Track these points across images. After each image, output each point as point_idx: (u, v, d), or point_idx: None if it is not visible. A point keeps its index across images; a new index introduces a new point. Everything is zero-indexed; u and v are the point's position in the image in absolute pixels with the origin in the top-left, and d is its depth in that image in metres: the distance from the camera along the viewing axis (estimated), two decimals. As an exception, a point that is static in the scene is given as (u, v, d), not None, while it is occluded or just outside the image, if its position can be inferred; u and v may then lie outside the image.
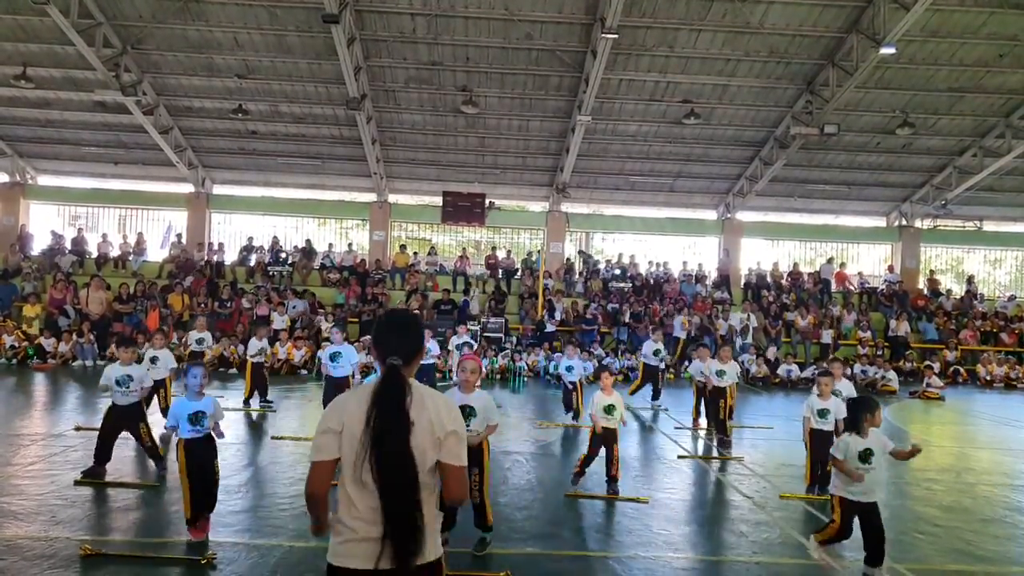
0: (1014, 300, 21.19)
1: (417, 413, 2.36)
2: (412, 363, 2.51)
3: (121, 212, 22.32)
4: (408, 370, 2.46)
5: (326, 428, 2.37)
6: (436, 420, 2.39)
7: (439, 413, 2.41)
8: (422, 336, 2.63)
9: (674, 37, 15.38)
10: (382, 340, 2.51)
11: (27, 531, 5.12)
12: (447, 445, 2.40)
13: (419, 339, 2.59)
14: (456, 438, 2.42)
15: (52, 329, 15.48)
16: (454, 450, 2.41)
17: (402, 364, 2.42)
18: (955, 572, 5.25)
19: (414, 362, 2.52)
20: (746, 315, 18.04)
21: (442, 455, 2.39)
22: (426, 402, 2.41)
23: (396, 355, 2.43)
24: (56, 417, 9.69)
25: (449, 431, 2.40)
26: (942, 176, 20.23)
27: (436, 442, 2.38)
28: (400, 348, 2.46)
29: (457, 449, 2.42)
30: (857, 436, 4.96)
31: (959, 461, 9.43)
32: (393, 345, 2.47)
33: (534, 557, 5.12)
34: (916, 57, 15.85)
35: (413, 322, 2.64)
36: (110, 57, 15.63)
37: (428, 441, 2.37)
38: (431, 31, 15.39)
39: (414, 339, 2.56)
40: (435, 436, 2.38)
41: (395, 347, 2.46)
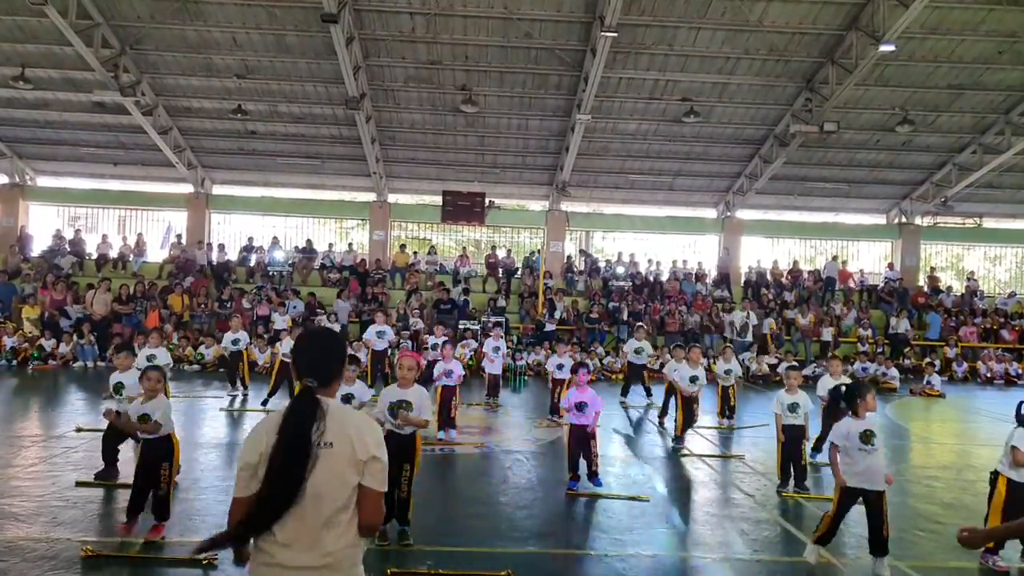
0: (1014, 297, 21.18)
1: (335, 436, 2.29)
2: (331, 384, 2.43)
3: (121, 213, 22.30)
4: (327, 391, 2.38)
5: (244, 463, 2.30)
6: (359, 443, 2.30)
7: (362, 436, 2.32)
8: (343, 356, 2.54)
9: (673, 35, 15.36)
10: (299, 359, 2.42)
11: (28, 532, 5.12)
12: (369, 469, 2.31)
13: (339, 358, 2.51)
14: (378, 464, 2.32)
15: (52, 330, 15.47)
16: (376, 475, 2.32)
17: (318, 385, 2.34)
18: (956, 569, 5.26)
19: (334, 382, 2.44)
20: (746, 313, 18.04)
21: (364, 479, 2.31)
22: (346, 424, 2.33)
23: (312, 375, 2.35)
24: (57, 418, 9.68)
25: (372, 455, 2.32)
26: (942, 173, 20.21)
27: (358, 464, 2.30)
28: (317, 368, 2.38)
29: (379, 475, 2.33)
30: (855, 420, 5.02)
31: (960, 458, 9.44)
32: (310, 364, 2.38)
33: (535, 556, 5.12)
34: (915, 54, 15.83)
35: (333, 341, 2.56)
36: (108, 58, 15.61)
37: (349, 463, 2.29)
38: (430, 30, 15.37)
39: (334, 359, 2.47)
40: (357, 459, 2.30)
41: (312, 367, 2.37)
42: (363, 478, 2.31)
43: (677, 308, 18.53)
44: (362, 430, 2.35)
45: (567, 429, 6.82)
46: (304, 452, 2.24)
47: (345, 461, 2.28)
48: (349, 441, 2.30)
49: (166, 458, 5.24)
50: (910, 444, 10.60)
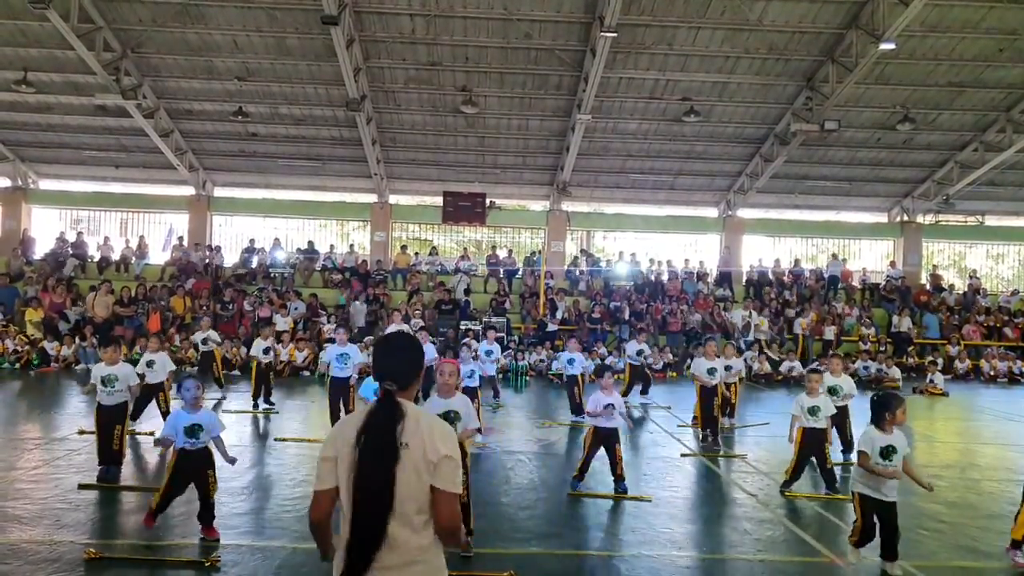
0: (1017, 295, 21.13)
1: (410, 437, 2.33)
2: (409, 387, 2.48)
3: (123, 215, 22.35)
4: (405, 394, 2.44)
5: (324, 456, 2.37)
6: (429, 444, 2.33)
7: (433, 437, 2.35)
8: (421, 360, 2.60)
9: (673, 35, 15.36)
10: (379, 363, 2.49)
11: (31, 535, 5.13)
12: (441, 470, 2.32)
13: (418, 363, 2.56)
14: (451, 463, 2.34)
15: (53, 333, 15.50)
16: (449, 476, 2.32)
17: (397, 389, 2.40)
18: (960, 568, 5.24)
19: (411, 386, 2.50)
20: (748, 312, 18.03)
21: (436, 480, 2.31)
22: (421, 425, 2.37)
23: (392, 380, 2.41)
24: (59, 421, 9.70)
25: (443, 455, 2.33)
26: (943, 171, 20.18)
27: (429, 465, 2.31)
28: (396, 372, 2.44)
29: (452, 475, 2.33)
30: (880, 431, 4.93)
31: (964, 457, 9.41)
32: (390, 369, 2.44)
33: (537, 556, 5.11)
34: (916, 52, 15.81)
35: (411, 346, 2.60)
36: (110, 61, 15.65)
37: (423, 464, 2.31)
38: (430, 32, 15.38)
39: (412, 363, 2.53)
40: (428, 460, 2.31)
41: (391, 371, 2.43)
42: (434, 479, 2.31)
43: (679, 308, 18.52)
44: (434, 430, 2.38)
45: (589, 431, 6.74)
46: (392, 453, 2.29)
47: (419, 462, 2.31)
48: (422, 441, 2.33)
49: (210, 465, 5.26)
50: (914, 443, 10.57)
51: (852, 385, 8.09)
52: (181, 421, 5.17)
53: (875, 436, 4.90)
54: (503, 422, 10.30)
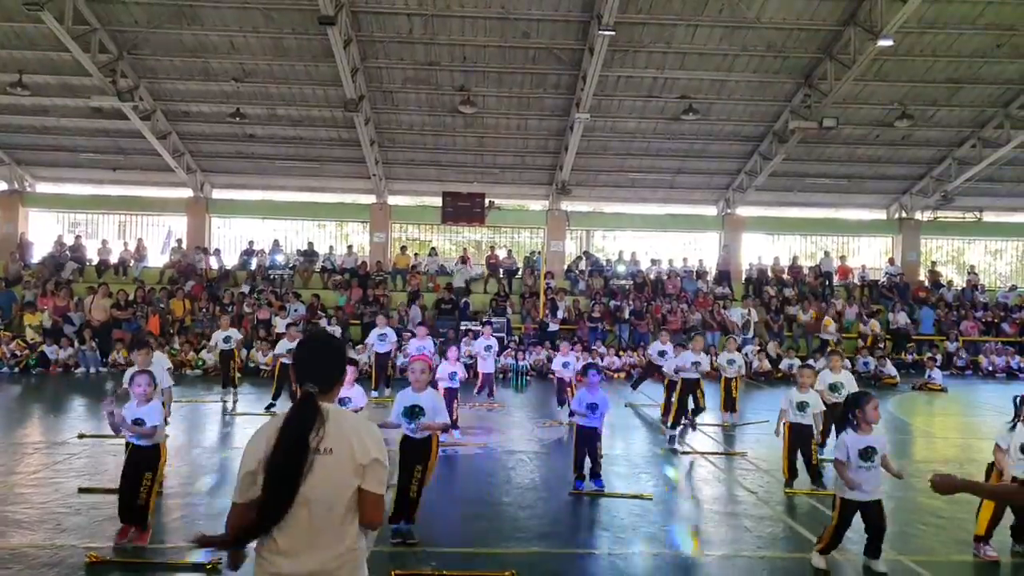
0: (1015, 291, 21.15)
1: (335, 441, 2.30)
2: (332, 390, 2.44)
3: (121, 218, 22.32)
4: (327, 396, 2.40)
5: (246, 470, 2.30)
6: (359, 447, 2.32)
7: (362, 440, 2.34)
8: (343, 361, 2.56)
9: (671, 33, 15.35)
10: (300, 364, 2.44)
11: (32, 539, 5.13)
12: (370, 472, 2.33)
13: (340, 364, 2.52)
14: (379, 466, 2.35)
15: (54, 337, 15.48)
16: (377, 478, 2.34)
17: (318, 391, 2.35)
18: (959, 563, 5.26)
19: (334, 388, 2.46)
20: (747, 310, 18.04)
21: (364, 482, 2.32)
22: (346, 429, 2.34)
23: (312, 381, 2.36)
24: (59, 425, 9.70)
25: (372, 458, 2.33)
26: (941, 168, 20.18)
27: (358, 469, 2.31)
28: (318, 374, 2.39)
29: (380, 477, 2.35)
30: (855, 434, 4.85)
31: (962, 452, 9.44)
32: (311, 370, 2.40)
33: (538, 556, 5.12)
34: (914, 49, 15.81)
35: (334, 347, 2.57)
36: (106, 63, 15.61)
37: (349, 468, 2.30)
38: (427, 31, 15.36)
39: (335, 365, 2.49)
40: (357, 463, 2.31)
41: (313, 373, 2.39)
42: (364, 481, 2.32)
43: (678, 306, 18.53)
44: (361, 433, 2.36)
45: (574, 429, 6.79)
46: (301, 457, 2.25)
47: (346, 466, 2.30)
48: (349, 445, 2.31)
49: (150, 467, 5.14)
50: (912, 438, 10.60)
51: (853, 381, 8.09)
52: (129, 415, 5.16)
53: (850, 440, 4.80)
54: (504, 422, 10.30)
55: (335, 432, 2.31)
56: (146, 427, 5.12)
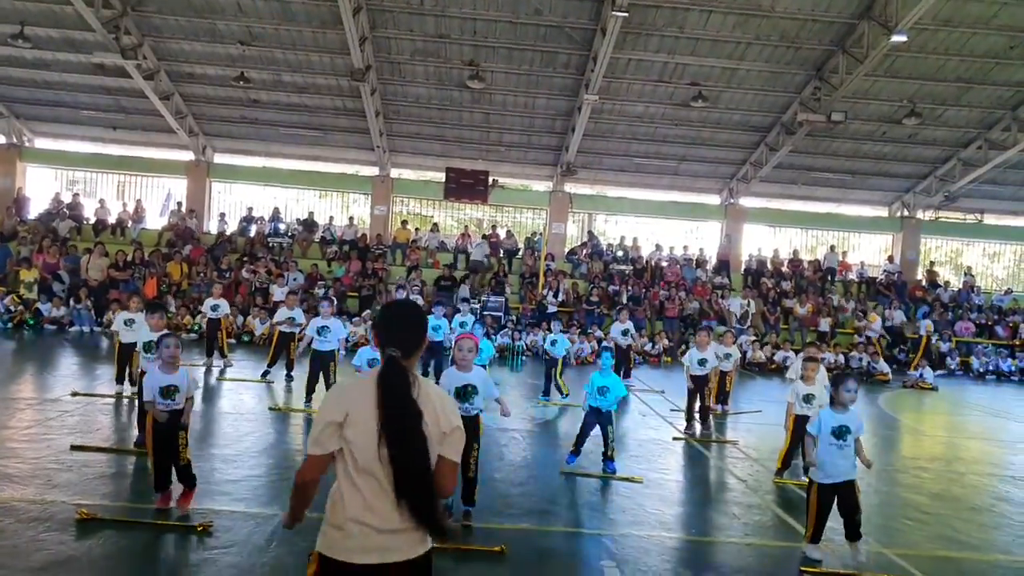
0: (1011, 295, 21.23)
1: (424, 407, 2.35)
2: (412, 355, 2.47)
3: (120, 178, 22.13)
4: (409, 362, 2.44)
5: (328, 420, 2.33)
6: (443, 416, 2.40)
7: (445, 409, 2.42)
8: (424, 328, 2.60)
9: (684, 18, 15.16)
10: (383, 330, 2.50)
11: (23, 494, 5.13)
12: (450, 440, 2.40)
13: (421, 331, 2.56)
14: (459, 433, 2.43)
15: (47, 294, 15.42)
16: (456, 445, 2.42)
17: (401, 356, 2.40)
18: (942, 558, 5.32)
19: (415, 354, 2.49)
20: (746, 301, 18.05)
21: (443, 449, 2.39)
22: (431, 396, 2.41)
23: (395, 347, 2.41)
24: (52, 382, 9.70)
25: (454, 426, 2.41)
26: (946, 168, 20.12)
27: (441, 436, 2.39)
28: (400, 340, 2.43)
29: (459, 445, 2.43)
30: (831, 411, 5.02)
31: (949, 450, 9.52)
32: (394, 336, 2.44)
33: (528, 532, 5.16)
34: (927, 46, 15.66)
35: (415, 314, 2.61)
36: (110, 19, 15.36)
37: (436, 435, 2.37)
38: (439, 3, 15.14)
39: (415, 331, 2.52)
40: (441, 431, 2.38)
41: (395, 338, 2.43)
42: (443, 449, 2.39)
43: (677, 293, 18.54)
44: (444, 401, 2.45)
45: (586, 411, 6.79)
46: (415, 409, 2.32)
47: (433, 432, 2.36)
48: (435, 414, 2.38)
49: (181, 426, 5.09)
50: (900, 435, 10.68)
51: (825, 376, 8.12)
52: (156, 381, 5.00)
53: (826, 416, 5.00)
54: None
55: (425, 399, 2.38)
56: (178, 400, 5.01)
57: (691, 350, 9.41)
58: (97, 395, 8.57)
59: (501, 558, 4.62)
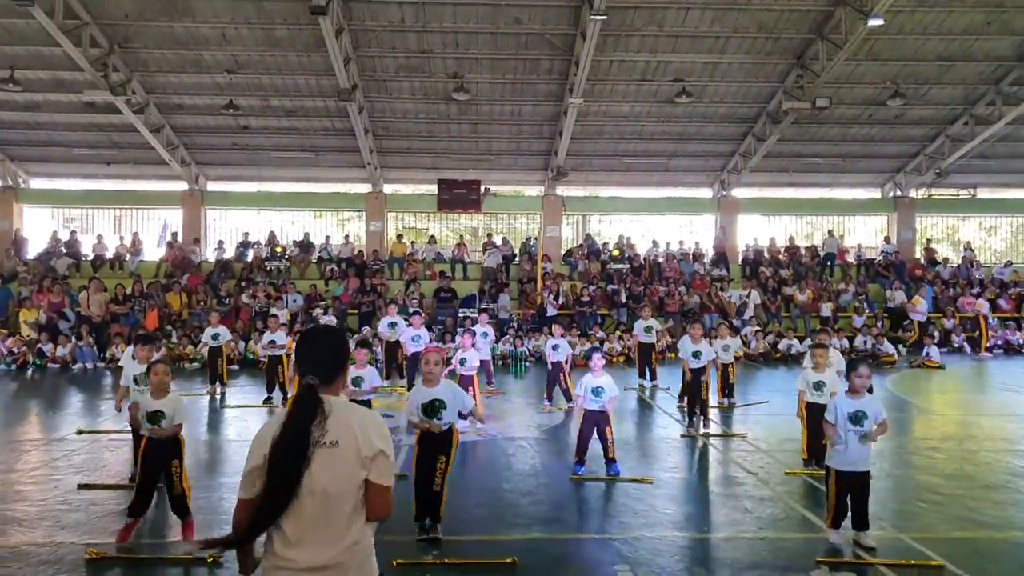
0: (1011, 266, 21.19)
1: (338, 431, 2.30)
2: (334, 382, 2.42)
3: (116, 212, 22.21)
4: (330, 388, 2.39)
5: (251, 466, 2.29)
6: (364, 440, 2.31)
7: (367, 432, 2.33)
8: (345, 354, 2.54)
9: (663, 16, 15.23)
10: (302, 357, 2.44)
11: (32, 537, 5.13)
12: (376, 464, 2.32)
13: (341, 357, 2.50)
14: (384, 458, 2.34)
15: (50, 333, 15.45)
16: (384, 470, 2.34)
17: (319, 383, 2.35)
18: (959, 539, 5.29)
19: (336, 380, 2.44)
20: (746, 292, 18.02)
21: (371, 475, 2.32)
22: (352, 420, 2.34)
23: (314, 373, 2.35)
24: (57, 421, 9.70)
25: (379, 450, 2.33)
26: (935, 145, 20.15)
27: (364, 461, 2.31)
28: (319, 366, 2.39)
29: (387, 470, 2.35)
30: (847, 397, 5.04)
31: (961, 429, 9.48)
32: (312, 362, 2.39)
33: (540, 542, 5.15)
34: (905, 27, 15.70)
35: (335, 340, 2.57)
36: (97, 57, 15.46)
37: (355, 460, 2.30)
38: (419, 19, 15.23)
39: (335, 357, 2.47)
40: (362, 456, 2.30)
41: (314, 364, 2.38)
42: (370, 473, 2.32)
43: (676, 289, 18.54)
44: (367, 425, 2.35)
45: (580, 413, 6.77)
46: (302, 450, 2.25)
47: (352, 458, 2.30)
48: (355, 438, 2.31)
49: (175, 455, 5.06)
50: (911, 416, 10.65)
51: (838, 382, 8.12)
52: (144, 407, 5.05)
53: (841, 402, 5.03)
54: (503, 408, 10.33)
55: (339, 424, 2.31)
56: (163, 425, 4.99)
57: (685, 342, 9.39)
58: (102, 432, 8.58)
59: (513, 570, 4.61)
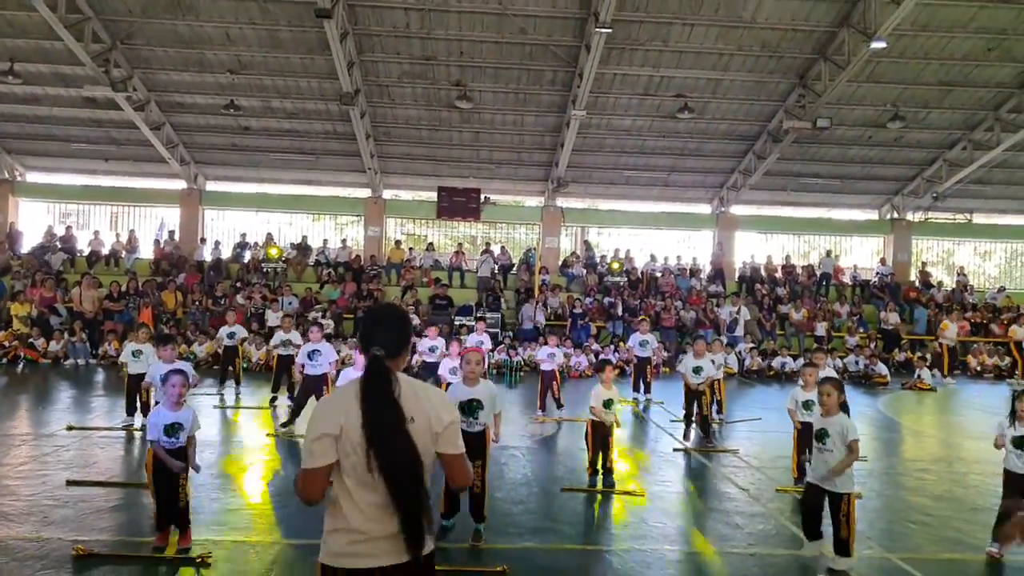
0: (1003, 292, 21.33)
1: (411, 406, 2.33)
2: (398, 356, 2.45)
3: (113, 209, 22.14)
4: (394, 363, 2.41)
5: (321, 433, 2.29)
6: (433, 414, 2.37)
7: (435, 407, 2.39)
8: (409, 330, 2.57)
9: (667, 31, 15.36)
10: (366, 332, 2.48)
11: (18, 532, 5.09)
12: (446, 436, 2.39)
13: (405, 332, 2.53)
14: (454, 428, 2.42)
15: (42, 328, 15.35)
16: (454, 440, 2.41)
17: (386, 356, 2.38)
18: (947, 560, 5.30)
19: (401, 355, 2.47)
20: (735, 308, 17.95)
21: (441, 447, 2.38)
22: (419, 395, 2.38)
23: (379, 346, 2.39)
24: (47, 417, 9.62)
25: (446, 423, 2.39)
26: (932, 169, 20.31)
27: (434, 436, 2.37)
28: (384, 340, 2.41)
29: (456, 439, 2.42)
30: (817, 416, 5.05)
31: (950, 451, 9.51)
32: (377, 337, 2.42)
33: (530, 551, 5.13)
34: (907, 51, 15.88)
35: (399, 315, 2.60)
36: (99, 52, 15.47)
37: (428, 436, 2.35)
38: (424, 26, 15.31)
39: (400, 331, 2.50)
40: (433, 431, 2.36)
41: (379, 339, 2.41)
42: (443, 447, 2.39)
43: (672, 303, 18.57)
44: (434, 401, 2.43)
45: (588, 425, 6.74)
46: (398, 409, 2.29)
47: (426, 434, 2.35)
48: (426, 416, 2.37)
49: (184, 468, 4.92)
50: (901, 437, 10.68)
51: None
52: (161, 420, 4.82)
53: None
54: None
55: (412, 402, 2.35)
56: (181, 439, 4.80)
57: (687, 358, 9.45)
58: (92, 428, 8.52)
59: (503, 578, 4.59)
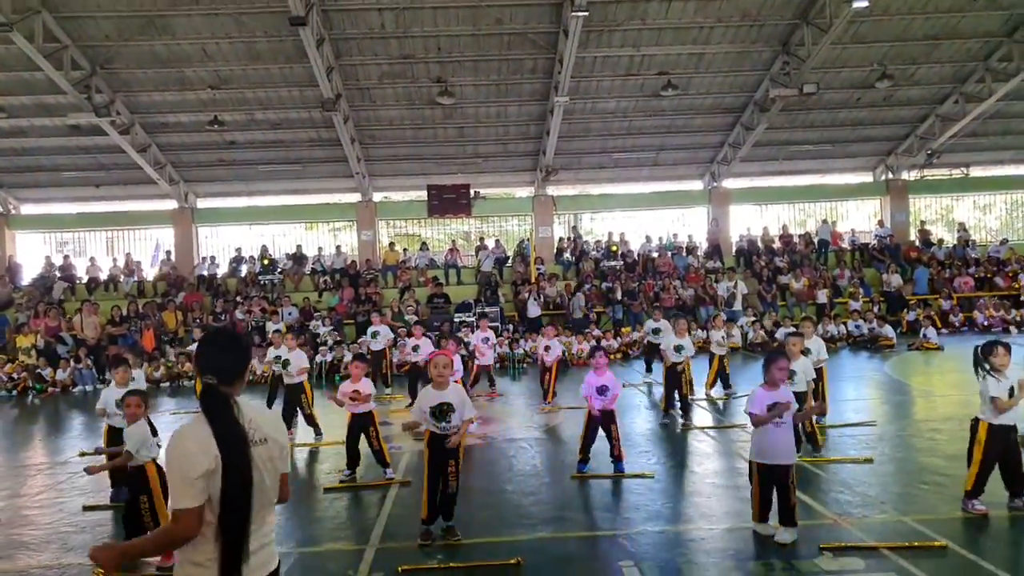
0: (1006, 244, 21.23)
1: (262, 431, 2.44)
2: (234, 383, 2.44)
3: (108, 234, 22.18)
4: (230, 389, 2.41)
5: (199, 473, 2.23)
6: (279, 437, 2.51)
7: (276, 430, 2.52)
8: (245, 354, 2.57)
9: (645, 9, 15.24)
10: (199, 360, 2.48)
11: (40, 560, 5.14)
12: (285, 456, 2.55)
13: (240, 357, 2.52)
14: (287, 450, 2.60)
15: (48, 358, 15.41)
16: (287, 460, 2.59)
17: (219, 383, 2.38)
18: (963, 519, 5.30)
19: (236, 381, 2.45)
20: (732, 283, 17.92)
21: (282, 466, 2.54)
22: (266, 422, 2.50)
23: (211, 374, 2.39)
24: (60, 445, 9.69)
25: (284, 445, 2.55)
26: (925, 126, 20.18)
27: (283, 453, 2.52)
28: (217, 368, 2.41)
29: (288, 458, 2.61)
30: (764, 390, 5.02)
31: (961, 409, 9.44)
32: (210, 364, 2.42)
33: (544, 541, 5.15)
34: (890, 8, 15.74)
35: (233, 340, 2.63)
36: (80, 79, 15.44)
37: (278, 456, 2.48)
38: (400, 25, 15.23)
39: (235, 357, 2.49)
40: (283, 452, 2.52)
41: (212, 366, 2.41)
42: (283, 465, 2.55)
43: (671, 283, 18.54)
44: (273, 424, 2.55)
45: (586, 413, 6.75)
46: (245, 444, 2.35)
47: (276, 454, 2.49)
48: (273, 436, 2.49)
49: (141, 491, 4.97)
50: (912, 399, 10.67)
51: (822, 347, 8.21)
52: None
53: (761, 395, 4.99)
54: (503, 410, 10.33)
55: (260, 423, 2.45)
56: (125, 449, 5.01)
57: (668, 336, 9.44)
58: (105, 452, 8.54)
59: (519, 570, 4.61)
